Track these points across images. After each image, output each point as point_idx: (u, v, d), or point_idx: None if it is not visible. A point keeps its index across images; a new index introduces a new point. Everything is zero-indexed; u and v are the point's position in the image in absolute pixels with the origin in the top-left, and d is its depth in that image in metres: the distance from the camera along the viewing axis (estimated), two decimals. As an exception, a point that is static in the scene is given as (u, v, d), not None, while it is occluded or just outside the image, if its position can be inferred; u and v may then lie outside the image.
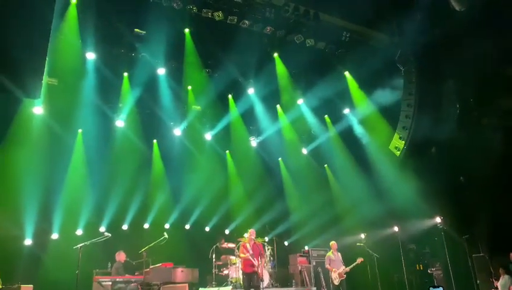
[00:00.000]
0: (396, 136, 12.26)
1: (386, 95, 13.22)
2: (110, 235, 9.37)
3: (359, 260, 11.56)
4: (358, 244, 12.35)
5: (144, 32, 11.33)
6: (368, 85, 13.73)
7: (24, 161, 10.72)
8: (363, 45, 12.85)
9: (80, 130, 12.56)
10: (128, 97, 12.74)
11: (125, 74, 12.63)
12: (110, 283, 9.86)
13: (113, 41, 11.58)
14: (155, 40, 11.48)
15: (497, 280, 10.65)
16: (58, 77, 11.28)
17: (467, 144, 11.28)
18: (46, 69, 9.13)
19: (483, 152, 10.99)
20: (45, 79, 10.09)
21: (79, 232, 11.77)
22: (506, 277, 10.42)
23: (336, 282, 11.32)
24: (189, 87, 13.72)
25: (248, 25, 11.55)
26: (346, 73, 14.13)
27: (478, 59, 9.97)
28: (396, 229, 13.19)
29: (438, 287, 2.66)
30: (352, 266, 11.49)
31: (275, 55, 13.51)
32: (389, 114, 13.16)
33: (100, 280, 9.87)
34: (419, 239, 13.25)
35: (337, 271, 11.37)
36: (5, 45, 7.41)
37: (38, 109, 11.23)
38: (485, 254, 11.46)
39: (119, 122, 12.95)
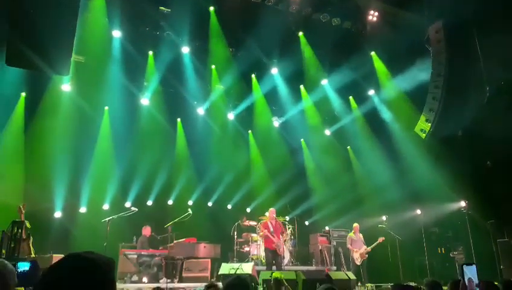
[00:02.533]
0: (422, 118, 12.03)
1: (413, 77, 12.93)
2: (136, 209, 9.67)
3: (380, 239, 11.60)
4: (379, 226, 12.34)
5: (169, 10, 11.37)
6: (395, 66, 13.45)
7: (53, 136, 11.06)
8: (391, 24, 12.55)
9: (106, 108, 12.80)
10: (153, 76, 12.89)
11: (150, 53, 12.75)
12: (136, 256, 10.21)
13: (139, 19, 11.69)
14: (180, 18, 11.53)
15: (522, 266, 10.50)
16: (85, 54, 11.47)
17: (495, 128, 10.98)
18: (73, 46, 9.37)
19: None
20: (72, 56, 10.26)
21: (105, 206, 12.13)
22: (532, 263, 10.26)
23: (358, 262, 11.40)
24: (213, 66, 13.75)
25: (273, 3, 11.44)
26: (373, 53, 13.87)
27: (510, 40, 9.60)
28: (418, 212, 13.07)
29: (472, 264, 2.65)
30: (373, 245, 11.53)
31: (300, 34, 13.35)
32: (416, 96, 12.90)
33: (126, 252, 10.23)
34: (442, 223, 13.12)
35: (359, 251, 11.43)
36: (35, 23, 7.59)
37: (66, 86, 11.50)
38: (510, 239, 11.27)
39: (144, 101, 13.15)
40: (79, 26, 10.04)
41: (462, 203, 12.26)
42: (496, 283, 3.59)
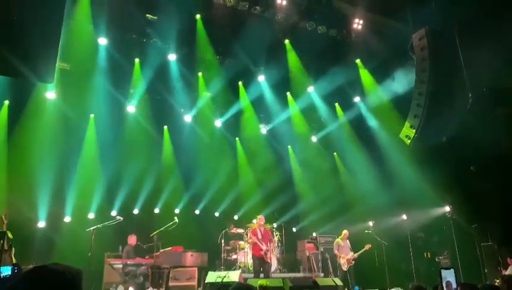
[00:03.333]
0: (407, 124, 12.18)
1: (397, 84, 13.12)
2: (121, 218, 9.55)
3: (367, 246, 11.67)
4: (366, 231, 12.41)
5: (156, 17, 11.35)
6: (380, 73, 13.64)
7: (37, 144, 10.90)
8: (376, 32, 12.73)
9: (92, 115, 12.67)
10: (140, 83, 12.83)
11: (137, 60, 12.69)
12: (121, 265, 10.06)
13: (125, 26, 11.63)
14: (166, 25, 11.51)
15: (505, 269, 10.65)
16: (70, 61, 11.36)
17: (479, 134, 11.19)
18: (58, 53, 9.27)
19: (495, 142, 10.91)
20: (57, 63, 10.15)
21: (91, 215, 11.96)
22: (514, 266, 10.42)
23: (344, 268, 11.43)
24: (200, 74, 13.75)
25: (259, 12, 11.52)
26: (358, 61, 14.04)
27: (493, 48, 9.82)
28: (404, 217, 13.21)
29: (449, 268, 2.68)
30: (360, 252, 11.59)
31: (286, 42, 13.45)
32: (400, 103, 13.08)
33: (111, 262, 10.08)
34: (427, 228, 13.27)
35: (346, 257, 11.47)
36: (19, 29, 7.50)
37: (51, 94, 11.36)
38: (494, 243, 11.45)
39: (131, 108, 13.06)
40: (64, 33, 9.96)
41: (447, 208, 12.44)
42: (476, 285, 3.64)
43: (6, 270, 5.57)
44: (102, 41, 11.67)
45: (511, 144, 10.59)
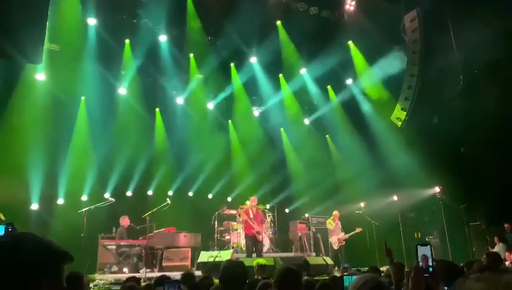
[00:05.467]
0: (398, 107, 12.26)
1: (389, 66, 13.13)
2: (113, 200, 9.62)
3: (358, 229, 11.83)
4: (357, 212, 12.58)
5: (146, -3, 11.20)
6: (372, 55, 13.62)
7: (28, 126, 10.81)
8: (368, 14, 12.66)
9: (82, 97, 12.57)
10: (130, 64, 12.71)
11: (127, 41, 12.55)
12: (115, 246, 10.16)
13: (115, 6, 11.47)
14: (157, 6, 11.37)
15: (493, 248, 10.90)
16: (59, 42, 11.21)
17: (469, 115, 11.28)
18: (47, 34, 9.14)
19: (485, 123, 11.02)
20: (46, 45, 10.02)
21: (84, 198, 11.98)
22: (501, 244, 10.67)
23: (335, 247, 11.62)
24: (191, 55, 13.64)
25: (251, -9, 11.37)
26: (350, 43, 13.99)
27: (484, 29, 9.83)
28: (395, 198, 13.38)
29: (426, 245, 2.75)
30: (350, 234, 11.77)
31: (278, 23, 13.35)
32: (392, 84, 13.12)
33: (105, 243, 10.17)
34: (418, 208, 13.48)
35: (337, 237, 11.66)
36: (4, 9, 7.38)
37: (40, 75, 11.23)
38: (482, 223, 11.67)
39: (122, 90, 12.97)
40: (52, 13, 9.82)
41: (437, 189, 12.61)
42: (450, 262, 3.74)
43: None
44: (92, 21, 11.51)
45: (500, 125, 10.69)
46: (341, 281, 3.54)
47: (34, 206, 11.13)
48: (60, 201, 11.68)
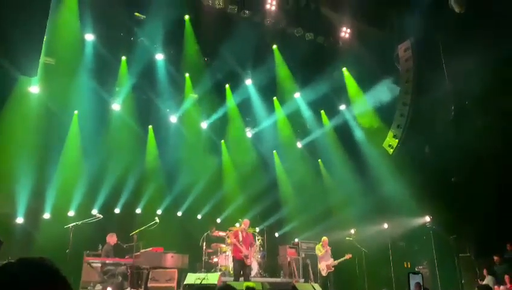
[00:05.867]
0: (390, 134, 12.37)
1: (382, 93, 13.31)
2: (101, 216, 9.44)
3: (347, 255, 11.69)
4: (347, 238, 12.48)
5: (144, 16, 11.31)
6: (365, 82, 13.81)
7: (19, 139, 10.70)
8: (363, 42, 12.90)
9: (76, 111, 12.51)
10: (126, 81, 12.73)
11: (123, 58, 12.60)
12: (100, 264, 9.88)
13: (113, 24, 11.54)
14: (154, 25, 11.47)
15: (482, 280, 10.83)
16: (55, 56, 11.22)
17: (460, 146, 11.41)
18: (43, 48, 9.15)
19: (476, 154, 11.13)
20: (42, 58, 10.03)
21: (71, 213, 11.77)
22: (490, 277, 10.61)
23: (324, 273, 11.45)
24: (187, 75, 13.72)
25: (248, 15, 11.55)
26: (344, 69, 14.20)
27: (476, 60, 10.05)
28: (386, 226, 13.33)
29: (418, 273, 2.72)
30: (340, 260, 11.62)
31: (274, 47, 13.53)
32: (385, 112, 13.26)
33: (90, 261, 9.90)
34: (408, 237, 13.41)
35: (326, 263, 11.50)
36: (1, 21, 7.39)
37: (34, 88, 11.19)
38: (471, 255, 11.63)
39: (116, 106, 12.95)
40: (50, 27, 9.86)
41: (427, 219, 12.60)
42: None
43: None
44: (89, 37, 11.57)
45: (491, 155, 10.80)
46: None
47: (19, 220, 10.90)
48: (46, 215, 11.45)
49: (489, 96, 10.83)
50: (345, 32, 12.95)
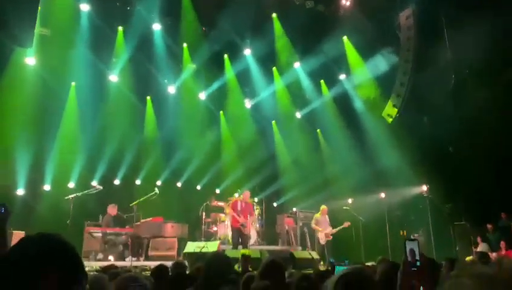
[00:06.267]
0: (389, 103, 12.32)
1: (382, 62, 13.15)
2: (101, 187, 9.57)
3: (346, 223, 11.85)
4: (344, 207, 12.63)
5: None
6: (366, 51, 13.62)
7: (17, 111, 10.70)
8: (363, 9, 12.65)
9: (73, 83, 12.44)
10: (123, 52, 12.58)
11: (120, 28, 12.41)
12: (101, 234, 10.12)
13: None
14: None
15: (476, 247, 11.06)
16: (51, 27, 11.05)
17: (459, 116, 11.38)
18: (38, 18, 9.01)
19: (474, 124, 11.12)
20: (37, 29, 9.89)
21: (71, 185, 11.90)
22: (484, 244, 10.83)
23: (322, 242, 11.66)
24: (185, 45, 13.53)
25: (247, -17, 11.29)
26: (345, 38, 13.97)
27: (478, 31, 9.87)
28: (383, 195, 13.46)
29: (414, 240, 2.84)
30: (338, 228, 11.79)
31: (274, 15, 13.29)
32: (384, 81, 13.15)
33: (91, 231, 10.13)
34: (404, 206, 13.56)
35: (324, 231, 11.69)
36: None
37: (30, 60, 11.07)
38: (466, 223, 11.81)
39: (113, 77, 12.85)
40: (44, -3, 9.68)
41: (424, 188, 12.71)
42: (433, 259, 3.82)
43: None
44: (85, 7, 11.36)
45: (489, 127, 10.78)
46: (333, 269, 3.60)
47: (20, 192, 11.03)
48: (47, 187, 11.59)
49: (490, 68, 10.71)
50: (346, 0, 12.68)
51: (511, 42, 10.06)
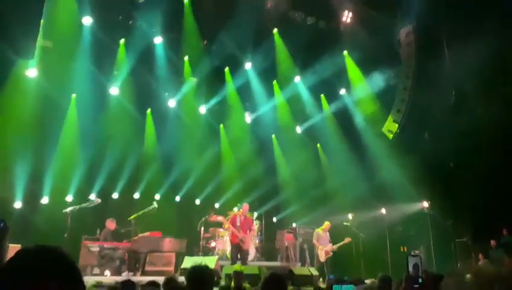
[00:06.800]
0: (390, 119, 12.33)
1: (382, 78, 13.20)
2: (99, 201, 9.47)
3: (347, 239, 11.75)
4: (344, 223, 12.53)
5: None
6: (366, 67, 13.69)
7: (17, 122, 10.65)
8: (364, 26, 12.76)
9: (73, 95, 12.44)
10: (124, 65, 12.62)
11: (122, 41, 12.47)
12: (98, 249, 9.97)
13: (111, 7, 11.41)
14: (153, 8, 11.32)
15: (478, 264, 10.93)
16: (53, 39, 11.09)
17: (460, 132, 11.36)
18: (40, 31, 9.06)
19: (475, 140, 11.09)
20: (40, 41, 9.93)
21: (69, 198, 11.79)
22: (485, 261, 10.70)
23: (322, 259, 11.53)
24: (186, 58, 13.59)
25: (249, -2, 11.39)
26: (345, 53, 14.05)
27: (479, 45, 9.93)
28: (383, 211, 13.37)
29: (416, 255, 2.81)
30: (339, 244, 11.69)
31: (275, 30, 13.38)
32: (385, 97, 13.18)
33: (88, 245, 9.99)
34: (405, 222, 13.47)
35: (324, 249, 11.56)
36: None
37: (32, 71, 11.08)
38: (468, 239, 11.70)
39: (114, 90, 12.86)
40: (47, 10, 9.74)
41: (425, 204, 12.64)
42: (439, 275, 3.75)
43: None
44: (87, 20, 11.43)
45: (489, 142, 10.76)
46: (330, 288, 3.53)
47: (17, 204, 10.92)
48: (45, 200, 11.48)
49: (490, 84, 10.74)
50: (347, 17, 12.80)
51: (510, 57, 10.11)
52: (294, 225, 13.80)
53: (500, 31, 9.81)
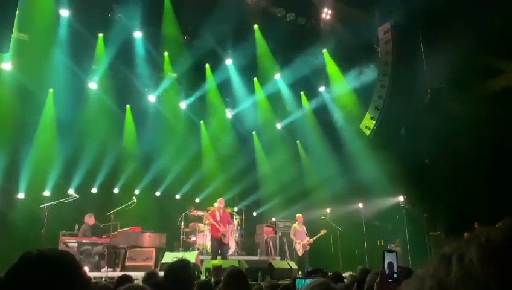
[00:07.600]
0: (367, 115, 12.54)
1: (361, 75, 13.43)
2: (77, 196, 9.39)
3: (322, 231, 11.96)
4: (322, 217, 12.74)
5: (122, -8, 11.04)
6: (345, 64, 13.89)
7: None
8: (344, 23, 12.93)
9: (50, 90, 12.22)
10: (103, 59, 12.46)
11: (100, 35, 12.31)
12: (76, 244, 9.89)
13: (89, -1, 11.24)
14: (133, 1, 11.21)
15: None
16: (29, 32, 10.88)
17: (435, 128, 11.66)
18: (16, 23, 8.87)
19: (450, 137, 11.42)
20: (15, 34, 9.72)
21: (46, 193, 11.62)
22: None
23: (300, 253, 11.71)
24: (166, 53, 13.51)
25: (229, -7, 11.40)
26: (324, 51, 14.22)
27: (454, 45, 10.20)
28: (360, 205, 13.64)
29: (393, 251, 2.89)
30: (315, 237, 11.88)
31: (255, 26, 13.42)
32: (362, 94, 13.41)
33: (66, 241, 9.89)
34: (382, 216, 13.77)
35: (301, 242, 11.74)
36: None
37: (7, 65, 10.85)
38: (442, 233, 12.06)
39: (92, 84, 12.69)
40: (22, 1, 9.55)
41: (401, 198, 12.96)
42: (411, 270, 3.88)
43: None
44: (64, 13, 11.23)
45: (463, 140, 11.09)
46: (293, 284, 3.47)
47: (-8, 200, 10.71)
48: (21, 195, 11.28)
49: (465, 83, 11.06)
50: (326, 14, 12.93)
51: (485, 56, 10.43)
52: (273, 219, 13.94)
53: (475, 29, 10.09)
